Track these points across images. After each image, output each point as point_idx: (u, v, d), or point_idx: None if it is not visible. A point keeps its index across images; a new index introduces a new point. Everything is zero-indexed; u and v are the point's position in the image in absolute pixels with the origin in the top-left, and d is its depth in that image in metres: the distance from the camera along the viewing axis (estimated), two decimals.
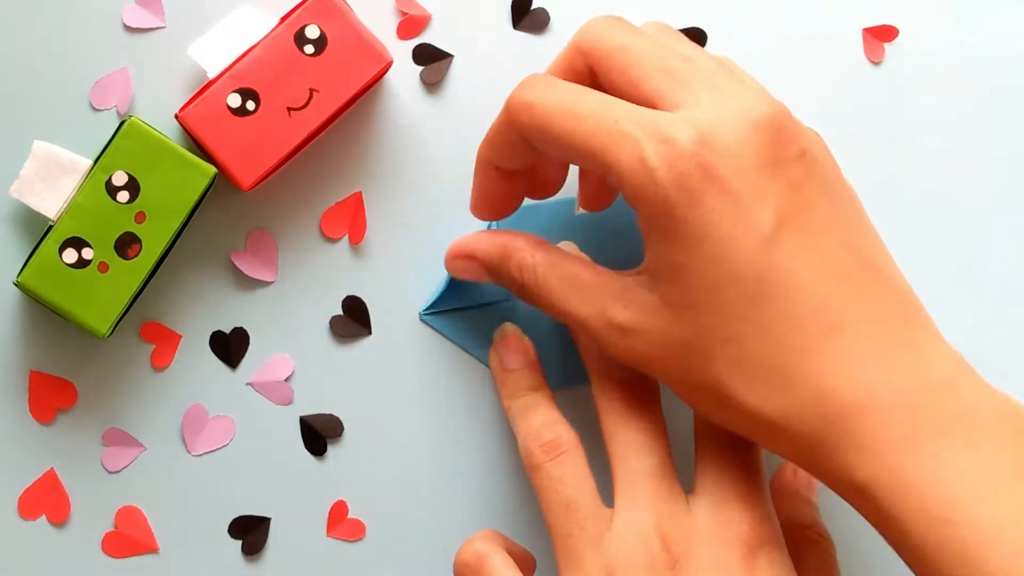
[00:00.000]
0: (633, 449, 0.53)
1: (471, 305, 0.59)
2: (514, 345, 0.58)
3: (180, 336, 0.59)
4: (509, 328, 0.58)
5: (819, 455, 0.48)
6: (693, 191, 0.48)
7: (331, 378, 0.59)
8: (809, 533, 0.55)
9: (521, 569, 0.53)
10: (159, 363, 0.59)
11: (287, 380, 0.59)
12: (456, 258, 0.57)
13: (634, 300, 0.51)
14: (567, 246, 0.58)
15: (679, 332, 0.50)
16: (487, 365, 0.59)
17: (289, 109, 0.56)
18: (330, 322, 0.59)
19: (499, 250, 0.55)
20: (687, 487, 0.53)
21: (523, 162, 0.54)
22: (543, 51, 0.60)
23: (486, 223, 0.58)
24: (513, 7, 0.60)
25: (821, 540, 0.55)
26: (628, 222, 0.59)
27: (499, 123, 0.53)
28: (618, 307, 0.51)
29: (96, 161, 0.56)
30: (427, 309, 0.59)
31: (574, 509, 0.52)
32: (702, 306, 0.49)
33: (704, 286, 0.49)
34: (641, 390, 0.54)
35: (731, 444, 0.53)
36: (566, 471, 0.53)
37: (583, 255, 0.56)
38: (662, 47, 0.51)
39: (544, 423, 0.54)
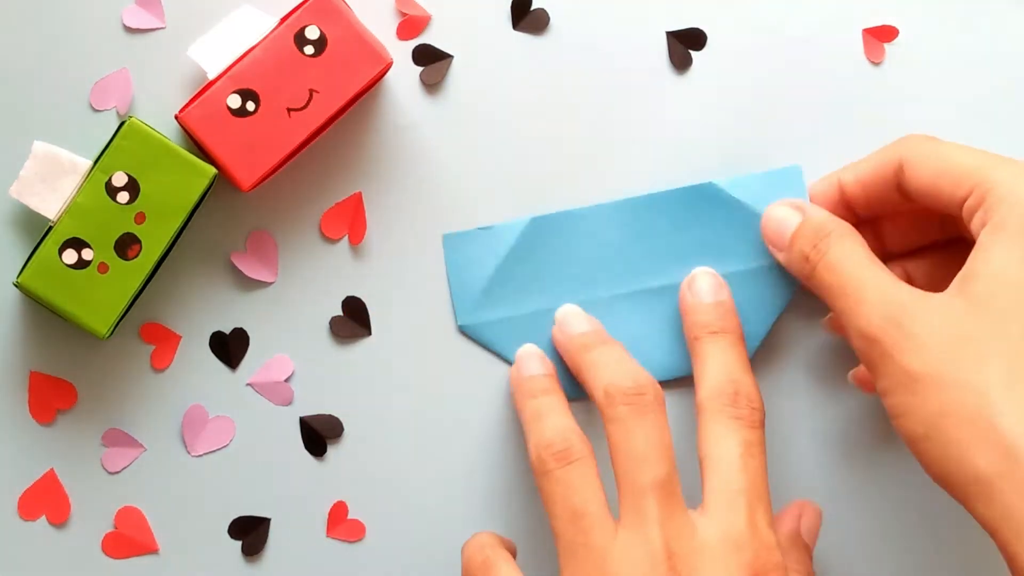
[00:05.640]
0: (638, 461, 0.53)
1: (507, 316, 0.59)
2: (534, 356, 0.58)
3: (180, 336, 0.59)
4: (530, 348, 0.59)
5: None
6: None
7: (331, 378, 0.59)
8: None
9: None
10: (159, 364, 0.59)
11: (287, 380, 0.59)
12: (786, 205, 0.58)
13: (928, 294, 0.52)
14: (569, 308, 0.58)
15: (966, 326, 0.51)
16: None
17: (289, 110, 0.56)
18: (330, 322, 0.59)
19: (821, 214, 0.56)
20: (690, 499, 0.53)
21: (874, 205, 0.57)
22: (543, 51, 0.60)
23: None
24: (513, 7, 0.60)
25: None
26: (642, 232, 0.59)
27: (880, 155, 0.56)
28: (903, 288, 0.53)
29: (96, 162, 0.56)
30: (465, 320, 0.59)
31: (581, 516, 0.52)
32: (1012, 311, 0.50)
33: None
34: (646, 400, 0.54)
35: (740, 464, 0.53)
36: (575, 478, 0.53)
37: None
38: None
39: (557, 431, 0.54)
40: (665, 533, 0.52)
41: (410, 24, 0.60)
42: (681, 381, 0.60)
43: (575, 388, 0.58)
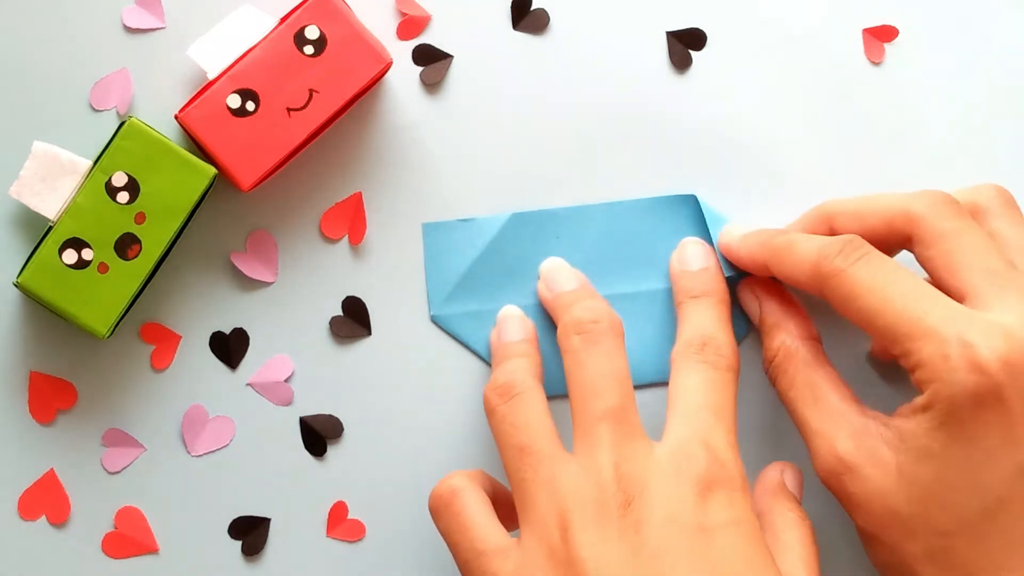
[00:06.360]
0: (590, 391, 0.52)
1: (481, 308, 0.59)
2: (515, 319, 0.58)
3: (180, 336, 0.59)
4: (511, 309, 0.58)
5: None
6: (981, 404, 0.49)
7: (331, 378, 0.59)
8: (791, 514, 0.54)
9: (506, 511, 0.53)
10: (159, 364, 0.59)
11: (287, 380, 0.59)
12: (747, 291, 0.58)
13: (868, 446, 0.52)
14: (555, 262, 0.58)
15: (896, 502, 0.51)
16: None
17: (289, 110, 0.56)
18: (330, 322, 0.59)
19: (775, 319, 0.56)
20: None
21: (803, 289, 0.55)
22: (543, 51, 0.60)
23: None
24: (513, 7, 0.60)
25: (803, 521, 0.54)
26: (620, 237, 0.59)
27: (800, 259, 0.54)
28: (848, 442, 0.52)
29: (96, 162, 0.56)
30: (438, 310, 0.59)
31: (528, 452, 0.52)
32: (934, 496, 0.50)
33: (947, 480, 0.50)
34: (600, 327, 0.53)
35: (702, 395, 0.53)
36: (519, 414, 0.52)
37: (840, 379, 0.55)
38: (988, 245, 0.52)
39: (504, 370, 0.54)
40: (616, 456, 0.51)
41: (410, 24, 0.60)
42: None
43: (560, 384, 0.58)
